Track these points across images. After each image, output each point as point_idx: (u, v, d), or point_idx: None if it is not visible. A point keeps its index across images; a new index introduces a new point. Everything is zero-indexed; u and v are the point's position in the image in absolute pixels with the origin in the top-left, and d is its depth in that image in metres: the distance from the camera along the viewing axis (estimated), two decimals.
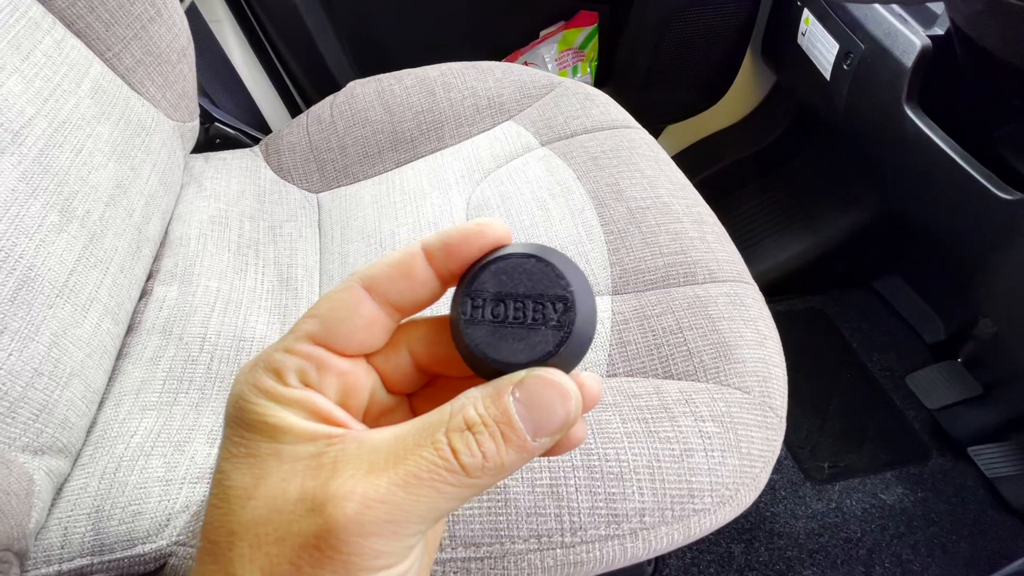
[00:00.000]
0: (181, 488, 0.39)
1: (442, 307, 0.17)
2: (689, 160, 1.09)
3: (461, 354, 0.17)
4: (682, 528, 0.33)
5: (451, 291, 0.17)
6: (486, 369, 0.16)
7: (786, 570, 0.74)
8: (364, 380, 0.17)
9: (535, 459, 0.24)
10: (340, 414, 0.16)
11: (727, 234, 0.52)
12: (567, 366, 0.16)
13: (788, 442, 0.84)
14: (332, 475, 0.14)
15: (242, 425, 0.15)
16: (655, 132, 1.09)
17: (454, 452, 0.14)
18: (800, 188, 1.02)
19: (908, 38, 0.65)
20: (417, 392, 0.20)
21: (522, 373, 0.15)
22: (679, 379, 0.40)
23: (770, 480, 0.81)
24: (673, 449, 0.35)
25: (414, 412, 0.19)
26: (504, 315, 0.16)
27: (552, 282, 0.16)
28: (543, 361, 0.16)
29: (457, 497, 0.15)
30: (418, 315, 0.18)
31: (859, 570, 0.73)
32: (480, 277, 0.16)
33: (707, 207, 0.53)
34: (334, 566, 0.14)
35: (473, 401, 0.15)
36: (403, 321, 0.18)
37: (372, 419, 0.18)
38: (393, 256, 0.17)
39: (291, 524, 0.14)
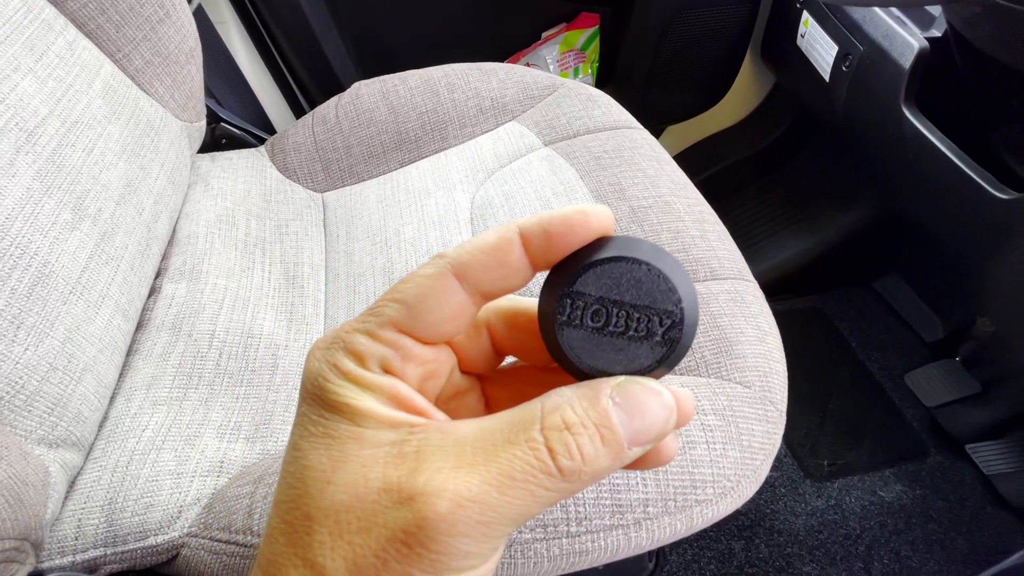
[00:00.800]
0: (192, 481, 0.39)
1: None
2: (690, 160, 1.10)
3: (551, 353, 0.16)
4: (685, 518, 0.34)
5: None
6: (578, 373, 0.15)
7: (786, 566, 0.74)
8: (445, 366, 0.17)
9: None
10: (422, 402, 0.15)
11: (727, 232, 0.53)
12: (661, 376, 0.16)
13: (788, 440, 0.85)
14: (417, 466, 0.14)
15: (321, 404, 0.15)
16: (656, 133, 1.09)
17: (551, 452, 0.14)
18: (800, 188, 1.02)
19: (906, 40, 0.66)
20: (490, 376, 0.19)
21: (620, 378, 0.15)
22: (681, 374, 0.41)
23: (770, 478, 0.82)
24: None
25: (485, 396, 0.19)
26: (604, 322, 0.15)
27: (663, 295, 0.15)
28: (641, 374, 0.15)
29: (548, 501, 0.14)
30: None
31: (858, 566, 0.74)
32: (583, 278, 0.15)
33: (708, 206, 0.54)
34: (422, 563, 0.13)
35: (568, 400, 0.14)
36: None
37: (444, 401, 0.18)
38: (486, 240, 0.15)
39: (376, 514, 0.14)
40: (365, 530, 0.14)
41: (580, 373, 0.15)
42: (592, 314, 0.15)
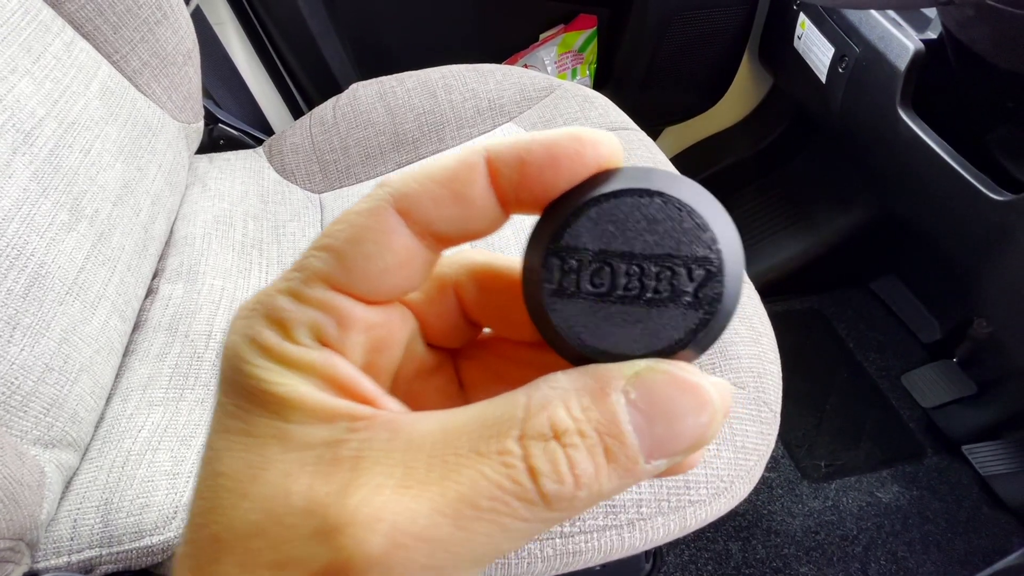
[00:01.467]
0: (188, 482, 0.40)
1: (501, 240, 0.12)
2: (688, 162, 1.10)
3: (541, 333, 0.12)
4: (678, 519, 0.34)
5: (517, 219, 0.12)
6: (580, 359, 0.11)
7: (783, 567, 0.74)
8: (398, 334, 0.13)
9: None
10: (367, 386, 0.12)
11: None
12: (694, 359, 0.11)
13: (785, 441, 0.85)
14: (351, 479, 0.10)
15: (238, 392, 0.11)
16: (654, 134, 1.09)
17: (532, 473, 0.10)
18: (797, 189, 1.03)
19: (901, 42, 0.66)
20: (465, 351, 0.15)
21: (640, 364, 0.11)
22: None
23: (767, 479, 0.82)
24: None
25: (459, 378, 0.15)
26: (611, 285, 0.11)
27: (688, 235, 0.11)
28: (668, 353, 0.11)
29: (524, 535, 0.10)
30: (470, 245, 0.13)
31: (855, 567, 0.74)
32: (575, 227, 0.11)
33: None
34: None
35: (563, 396, 0.10)
36: (450, 252, 0.13)
37: (404, 382, 0.14)
38: (442, 167, 0.11)
39: (292, 545, 0.10)
40: (277, 566, 0.10)
41: (582, 359, 0.11)
42: (592, 275, 0.11)
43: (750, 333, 0.43)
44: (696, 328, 0.11)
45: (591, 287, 0.11)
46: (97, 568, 0.37)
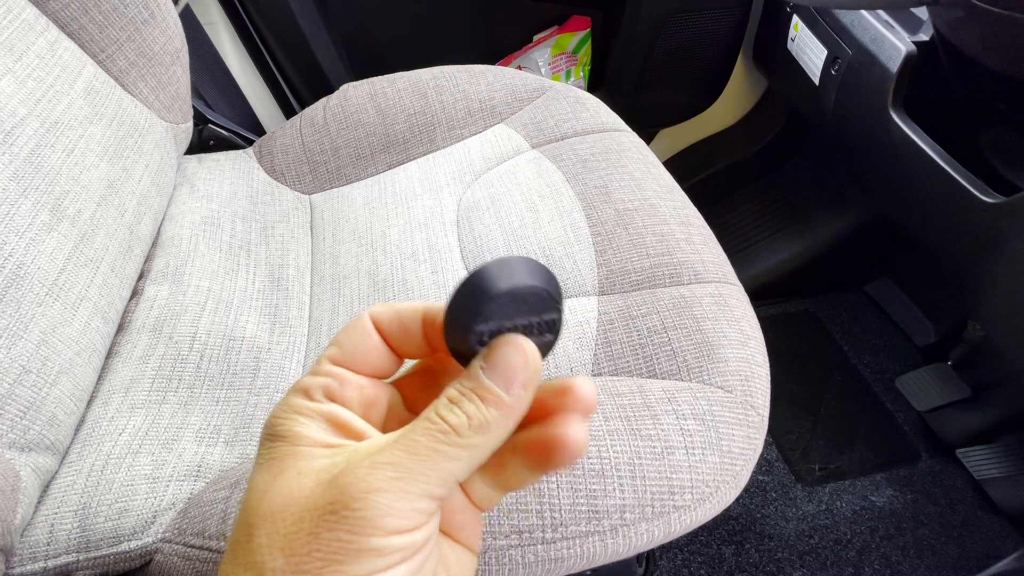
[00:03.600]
0: (168, 485, 0.39)
1: None
2: (682, 164, 1.10)
3: (461, 361, 0.19)
4: (662, 525, 0.33)
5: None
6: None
7: (776, 571, 0.74)
8: (382, 394, 0.20)
9: None
10: (360, 425, 0.18)
11: (713, 236, 0.52)
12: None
13: (779, 444, 0.85)
14: (347, 467, 0.16)
15: (269, 437, 0.18)
16: (648, 136, 1.09)
17: (442, 419, 0.17)
18: (792, 192, 1.02)
19: (894, 44, 0.66)
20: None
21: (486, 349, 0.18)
22: (662, 378, 0.41)
23: (761, 482, 0.82)
24: (654, 447, 0.35)
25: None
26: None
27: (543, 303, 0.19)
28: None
29: (455, 457, 0.16)
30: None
31: (848, 571, 0.74)
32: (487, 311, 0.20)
33: (694, 209, 0.54)
34: (348, 524, 0.15)
35: (454, 385, 0.18)
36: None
37: (392, 430, 0.20)
38: (406, 305, 0.20)
39: (307, 502, 0.16)
40: (299, 520, 0.16)
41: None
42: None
43: (738, 336, 0.43)
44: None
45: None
46: (73, 574, 0.36)
